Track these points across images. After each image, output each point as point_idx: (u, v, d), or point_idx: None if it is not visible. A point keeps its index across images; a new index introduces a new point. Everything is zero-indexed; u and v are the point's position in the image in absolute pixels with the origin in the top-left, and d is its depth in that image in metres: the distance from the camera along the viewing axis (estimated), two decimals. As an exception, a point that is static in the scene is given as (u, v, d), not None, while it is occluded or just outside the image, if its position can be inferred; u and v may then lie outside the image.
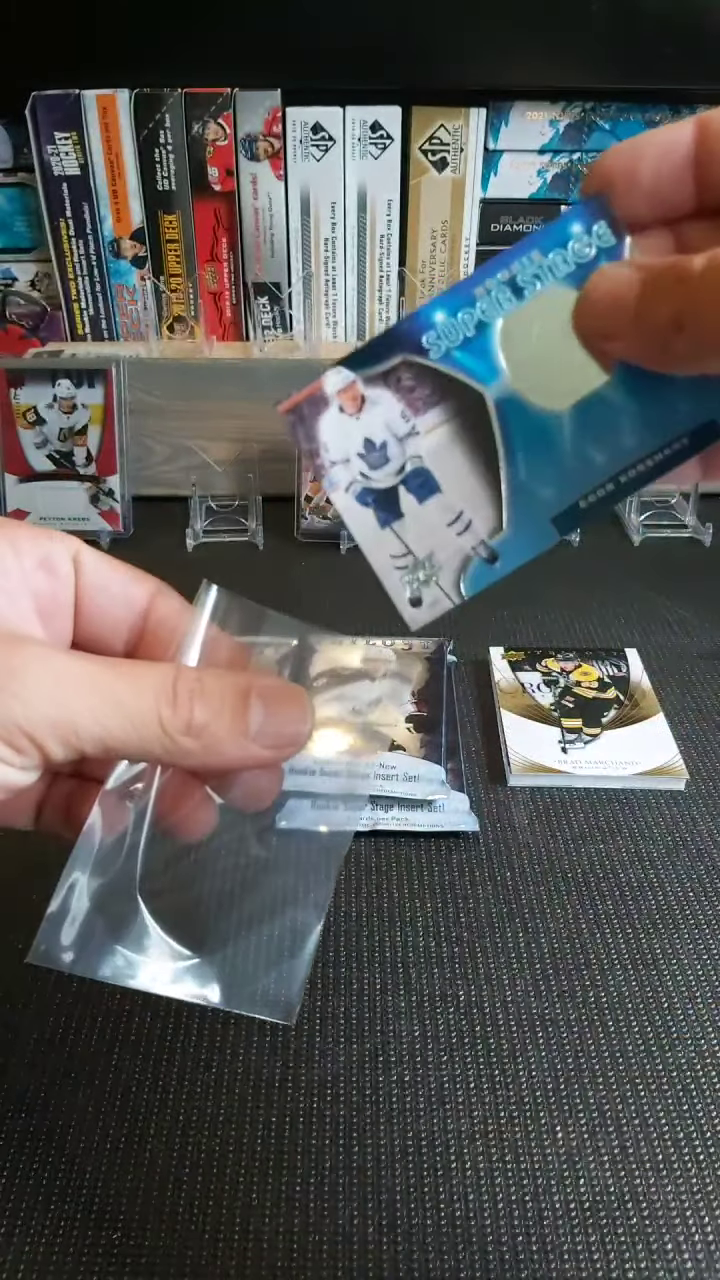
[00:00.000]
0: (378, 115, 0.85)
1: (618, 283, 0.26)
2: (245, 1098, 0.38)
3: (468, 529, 0.30)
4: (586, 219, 0.28)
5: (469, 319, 0.29)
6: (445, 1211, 0.34)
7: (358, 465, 0.30)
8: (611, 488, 0.29)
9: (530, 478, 0.30)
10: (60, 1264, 0.32)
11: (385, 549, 0.31)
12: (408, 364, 0.29)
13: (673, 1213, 0.34)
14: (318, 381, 0.29)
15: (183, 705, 0.26)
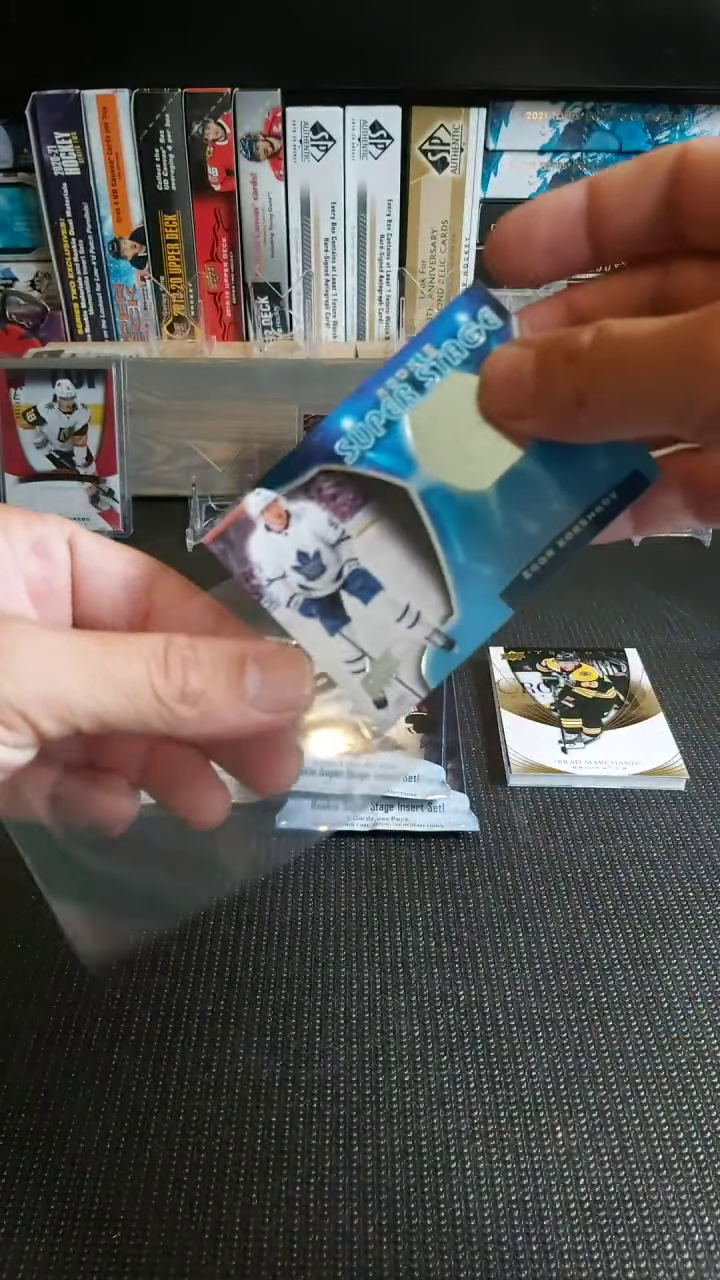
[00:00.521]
0: (378, 115, 0.85)
1: (512, 363, 0.27)
2: (245, 1098, 0.38)
3: (418, 620, 0.31)
4: (471, 306, 0.29)
5: (377, 419, 0.29)
6: (445, 1211, 0.34)
7: (295, 579, 0.30)
8: (552, 554, 0.30)
9: (469, 559, 0.30)
10: (60, 1264, 0.32)
11: (339, 655, 0.31)
12: (326, 473, 0.30)
13: (673, 1213, 0.34)
14: (240, 507, 0.30)
15: (175, 673, 0.26)
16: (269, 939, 0.44)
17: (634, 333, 0.24)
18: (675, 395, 0.23)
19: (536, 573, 0.30)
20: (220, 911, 0.46)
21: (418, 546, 0.30)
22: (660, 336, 0.23)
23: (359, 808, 0.51)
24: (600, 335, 0.24)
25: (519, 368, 0.27)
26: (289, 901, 0.46)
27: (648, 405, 0.24)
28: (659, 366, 0.23)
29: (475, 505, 0.30)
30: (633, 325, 0.24)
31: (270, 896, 0.47)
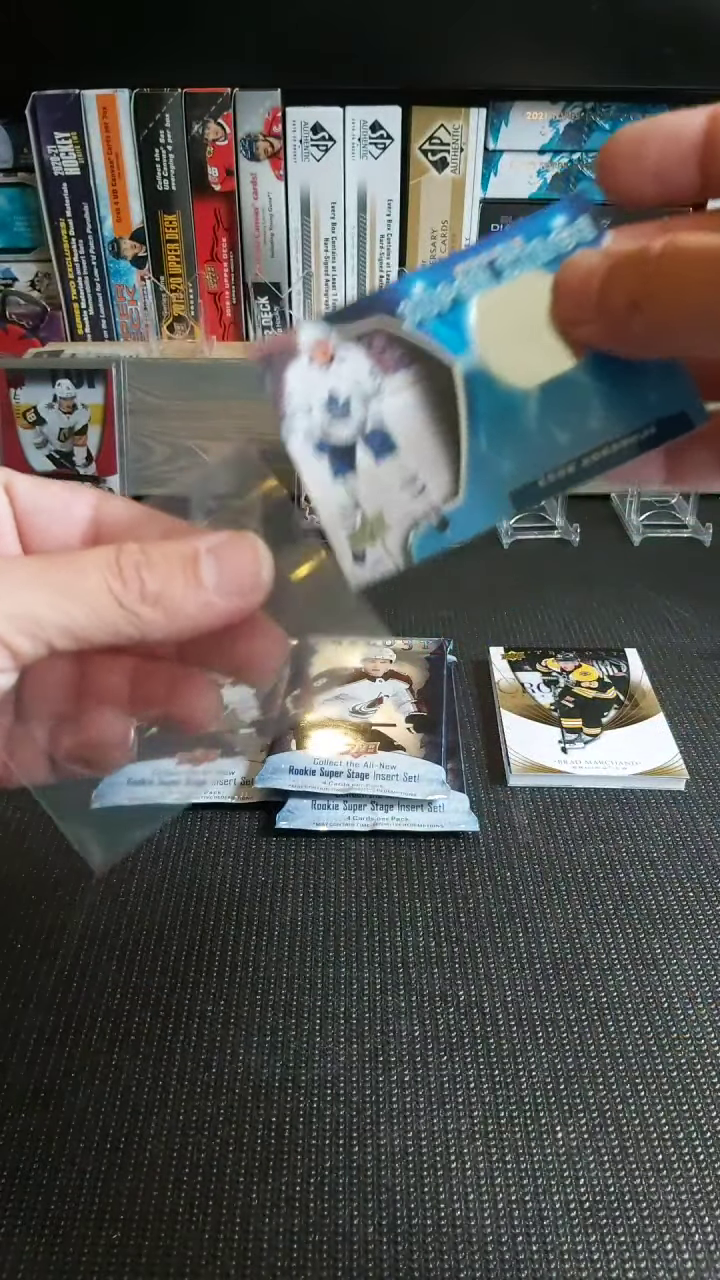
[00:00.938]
0: (378, 115, 0.85)
1: (586, 269, 0.27)
2: (245, 1098, 0.38)
3: (421, 493, 0.30)
4: (570, 211, 0.29)
5: (446, 293, 0.29)
6: (445, 1211, 0.34)
7: (320, 417, 0.30)
8: (573, 469, 0.30)
9: (491, 450, 0.30)
10: (60, 1264, 0.32)
11: (335, 501, 0.31)
12: (383, 328, 0.29)
13: (673, 1213, 0.34)
14: (293, 332, 0.30)
15: (131, 578, 0.27)
16: (269, 939, 0.44)
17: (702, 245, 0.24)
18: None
19: (552, 483, 0.30)
20: (220, 911, 0.46)
21: (445, 423, 0.30)
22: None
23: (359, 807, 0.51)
24: (669, 244, 0.24)
25: (591, 274, 0.27)
26: (289, 901, 0.46)
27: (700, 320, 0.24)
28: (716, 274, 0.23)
29: (514, 401, 0.30)
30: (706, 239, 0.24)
31: (270, 896, 0.47)
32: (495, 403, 0.30)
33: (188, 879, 0.48)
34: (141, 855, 0.49)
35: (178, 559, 0.28)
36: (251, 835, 0.50)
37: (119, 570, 0.27)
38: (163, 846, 0.50)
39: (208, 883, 0.48)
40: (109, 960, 0.43)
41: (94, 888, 0.47)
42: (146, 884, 0.47)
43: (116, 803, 0.52)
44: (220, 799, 0.52)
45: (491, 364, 0.30)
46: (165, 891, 0.47)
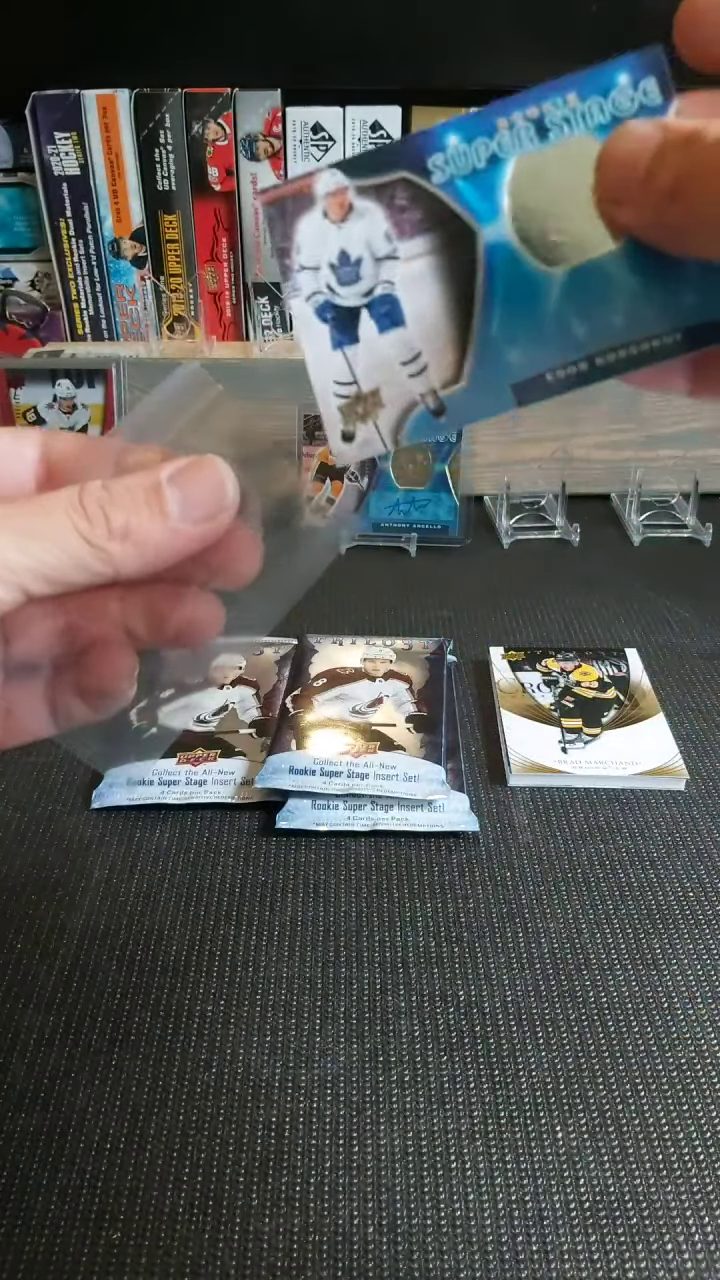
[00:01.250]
0: (378, 115, 0.85)
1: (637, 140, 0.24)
2: (245, 1098, 0.38)
3: (421, 373, 0.28)
4: (636, 71, 0.25)
5: (484, 150, 0.26)
6: (445, 1211, 0.34)
7: (326, 276, 0.28)
8: (585, 367, 0.27)
9: (501, 335, 0.28)
10: (60, 1264, 0.32)
11: (331, 373, 0.29)
12: (406, 182, 0.27)
13: (673, 1213, 0.34)
14: (308, 178, 0.27)
15: (96, 515, 0.26)
16: (269, 939, 0.44)
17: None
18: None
19: (561, 379, 0.28)
20: (220, 911, 0.46)
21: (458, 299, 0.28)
22: None
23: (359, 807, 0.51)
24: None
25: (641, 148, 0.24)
26: (289, 901, 0.46)
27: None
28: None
29: (537, 283, 0.27)
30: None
31: (270, 896, 0.47)
32: (516, 283, 0.27)
33: (188, 879, 0.48)
34: (141, 855, 0.49)
35: (141, 491, 0.27)
36: (251, 835, 0.50)
37: (83, 509, 0.26)
38: (163, 846, 0.50)
39: (208, 883, 0.48)
40: (109, 960, 0.43)
41: (94, 888, 0.47)
42: (146, 884, 0.47)
43: (116, 803, 0.52)
44: (220, 799, 0.52)
45: (519, 238, 0.27)
46: (165, 891, 0.47)
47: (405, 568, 0.79)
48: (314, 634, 0.65)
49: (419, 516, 0.81)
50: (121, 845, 0.50)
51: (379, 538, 0.81)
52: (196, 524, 0.28)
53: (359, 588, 0.75)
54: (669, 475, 0.85)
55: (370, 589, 0.75)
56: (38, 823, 0.51)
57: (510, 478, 0.84)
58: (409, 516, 0.81)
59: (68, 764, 0.55)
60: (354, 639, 0.65)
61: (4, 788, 0.54)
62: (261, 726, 0.57)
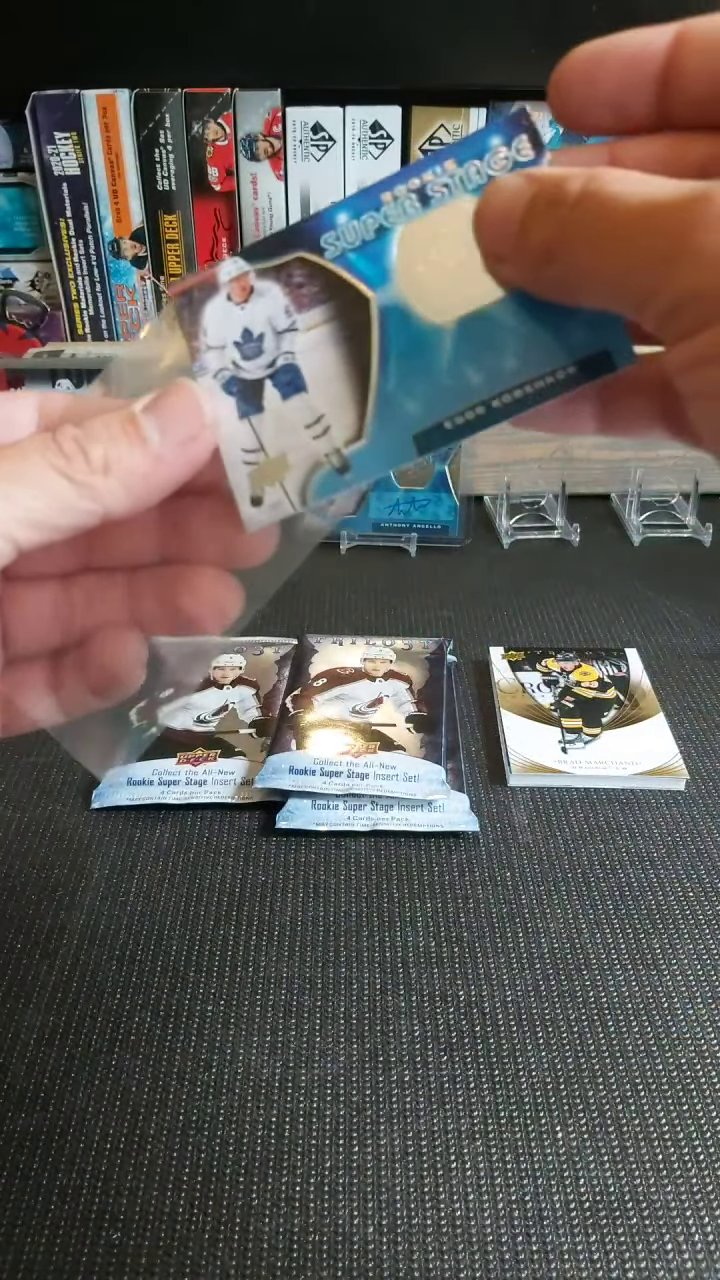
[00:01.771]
0: (378, 115, 0.85)
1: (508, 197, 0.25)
2: (245, 1098, 0.38)
3: (325, 434, 0.29)
4: (508, 132, 0.27)
5: (371, 222, 0.28)
6: (445, 1211, 0.34)
7: (231, 353, 0.29)
8: (482, 410, 0.28)
9: (399, 389, 0.29)
10: (60, 1264, 0.32)
11: (239, 441, 0.30)
12: (302, 260, 0.28)
13: (673, 1213, 0.34)
14: (213, 269, 0.29)
15: (73, 452, 0.26)
16: (269, 939, 0.44)
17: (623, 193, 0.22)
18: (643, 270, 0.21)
19: (459, 426, 0.29)
20: (220, 911, 0.46)
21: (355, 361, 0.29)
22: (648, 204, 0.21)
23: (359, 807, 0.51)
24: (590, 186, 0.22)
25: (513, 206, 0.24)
26: (289, 901, 0.46)
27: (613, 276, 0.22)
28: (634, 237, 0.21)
29: (429, 337, 0.28)
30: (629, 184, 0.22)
31: (270, 896, 0.47)
32: (409, 339, 0.28)
33: (188, 879, 0.48)
34: (141, 855, 0.49)
35: (116, 423, 0.27)
36: (251, 835, 0.50)
37: (58, 448, 0.26)
38: (163, 846, 0.50)
39: (208, 883, 0.48)
40: (109, 960, 0.43)
41: (94, 888, 0.47)
42: (146, 884, 0.47)
43: (116, 803, 0.52)
44: (220, 799, 0.52)
45: (410, 298, 0.28)
46: (165, 891, 0.47)
47: (405, 568, 0.79)
48: (314, 634, 0.65)
49: (419, 516, 0.81)
50: (121, 845, 0.50)
51: (379, 538, 0.81)
52: (178, 448, 0.27)
53: (359, 588, 0.75)
54: (669, 475, 0.85)
55: (370, 589, 0.75)
56: (38, 823, 0.51)
57: (510, 478, 0.84)
58: (409, 516, 0.81)
59: (68, 764, 0.55)
60: (354, 639, 0.65)
61: (4, 788, 0.54)
62: (261, 726, 0.57)
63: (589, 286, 0.23)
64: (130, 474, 0.26)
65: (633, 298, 0.22)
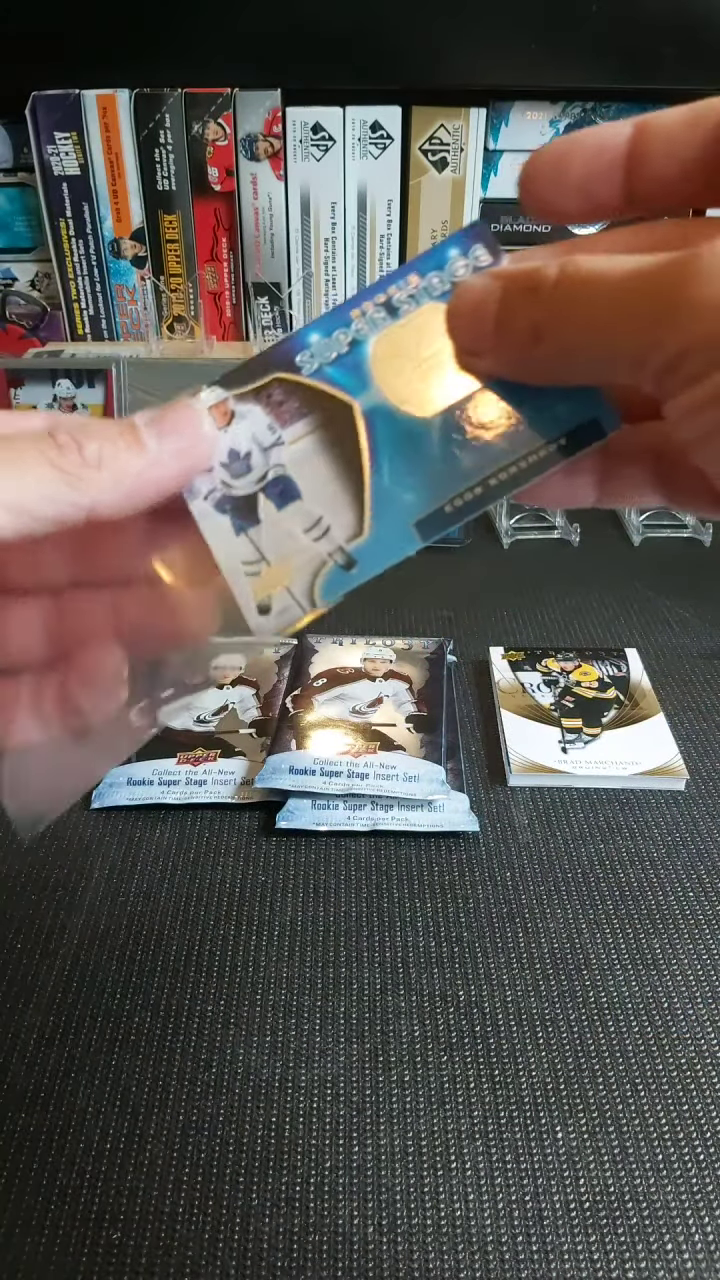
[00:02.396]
0: (378, 115, 0.85)
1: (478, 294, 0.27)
2: (245, 1098, 0.38)
3: (325, 534, 0.31)
4: (465, 242, 0.29)
5: (343, 338, 0.29)
6: (445, 1211, 0.34)
7: (220, 474, 0.30)
8: (480, 490, 0.30)
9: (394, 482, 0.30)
10: (60, 1264, 0.32)
11: (238, 555, 0.31)
12: (280, 380, 0.30)
13: (673, 1213, 0.34)
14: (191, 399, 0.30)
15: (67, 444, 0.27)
16: (269, 939, 0.44)
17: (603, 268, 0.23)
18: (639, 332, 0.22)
19: (459, 508, 0.30)
20: (220, 911, 0.46)
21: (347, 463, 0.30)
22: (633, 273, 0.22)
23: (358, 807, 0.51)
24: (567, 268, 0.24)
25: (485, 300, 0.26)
26: (289, 901, 0.46)
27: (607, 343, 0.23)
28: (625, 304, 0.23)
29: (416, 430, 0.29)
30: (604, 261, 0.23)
31: (270, 896, 0.47)
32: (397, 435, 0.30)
33: (188, 879, 0.48)
34: (141, 855, 0.49)
35: (115, 427, 0.27)
36: (251, 835, 0.50)
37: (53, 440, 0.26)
38: (163, 846, 0.50)
39: (208, 883, 0.48)
40: (109, 960, 0.43)
41: (94, 888, 0.47)
42: (146, 884, 0.47)
43: (116, 803, 0.52)
44: (220, 799, 0.52)
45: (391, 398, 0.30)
46: (165, 891, 0.47)
47: (405, 568, 0.78)
48: (314, 634, 0.65)
49: (419, 516, 0.81)
50: (121, 845, 0.50)
51: (379, 538, 0.81)
52: (173, 453, 0.28)
53: (359, 588, 0.75)
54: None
55: (370, 589, 0.74)
56: (38, 823, 0.51)
57: (510, 478, 0.84)
58: (409, 516, 0.81)
59: (68, 764, 0.55)
60: (354, 639, 0.65)
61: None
62: (261, 726, 0.57)
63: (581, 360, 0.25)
64: (122, 471, 0.27)
65: (628, 361, 0.23)
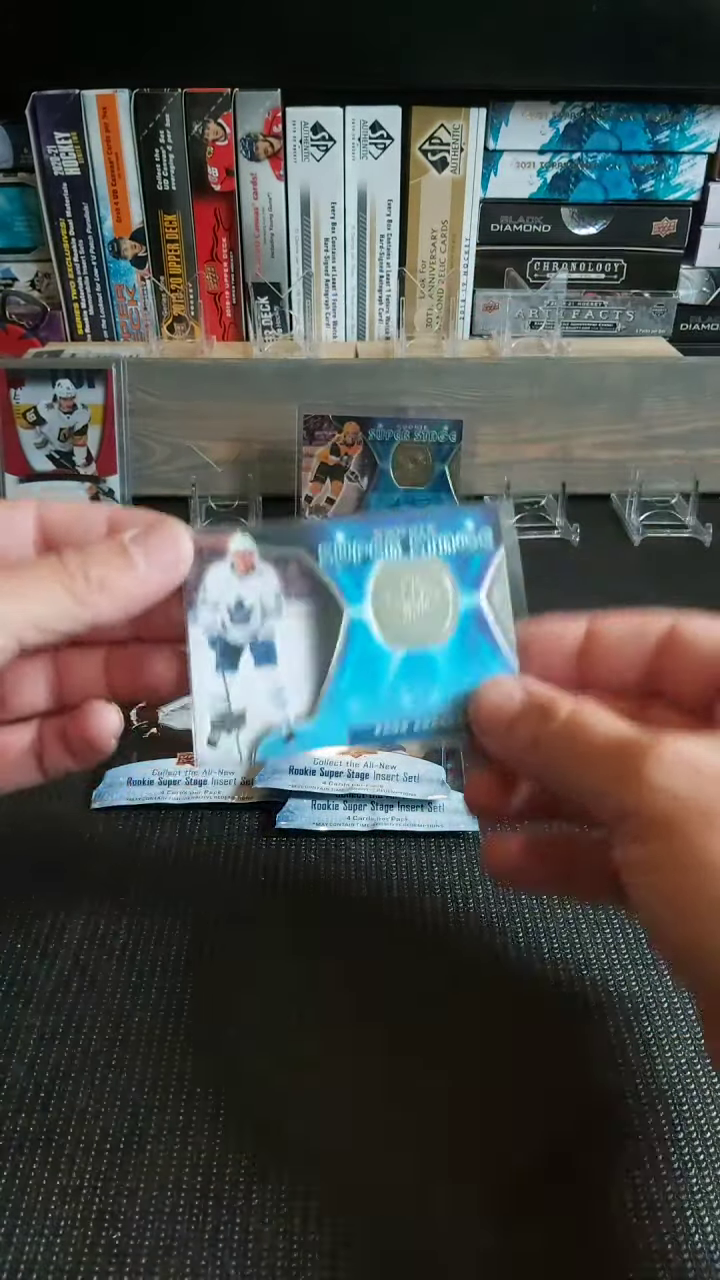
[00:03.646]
0: (378, 115, 0.85)
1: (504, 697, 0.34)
2: (245, 1098, 0.38)
3: (283, 706, 0.35)
4: (479, 520, 0.35)
5: (360, 550, 0.34)
6: (445, 1211, 0.34)
7: (223, 615, 0.35)
8: (405, 727, 0.35)
9: (348, 689, 0.35)
10: (60, 1264, 0.32)
11: (210, 690, 0.35)
12: (300, 559, 0.34)
13: (672, 1213, 0.34)
14: (226, 537, 0.34)
15: (77, 573, 0.32)
16: (269, 939, 0.44)
17: (595, 724, 0.30)
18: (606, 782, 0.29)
19: (386, 733, 0.35)
20: (220, 911, 0.46)
21: (321, 655, 0.35)
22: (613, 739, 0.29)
23: (358, 807, 0.51)
24: (575, 715, 0.31)
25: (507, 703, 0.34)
26: (289, 901, 0.46)
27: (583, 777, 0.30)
28: (602, 757, 0.29)
29: (381, 658, 0.35)
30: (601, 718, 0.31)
31: (270, 896, 0.47)
32: (365, 654, 0.35)
33: (188, 879, 0.48)
34: (141, 855, 0.49)
35: (111, 551, 0.33)
36: (251, 835, 0.50)
37: (67, 570, 0.32)
38: (163, 846, 0.50)
39: (208, 883, 0.48)
40: (109, 960, 0.43)
41: (94, 888, 0.47)
42: (146, 884, 0.47)
43: (116, 803, 0.52)
44: (220, 799, 0.52)
45: (374, 622, 0.34)
46: (165, 891, 0.47)
47: (405, 568, 0.79)
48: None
49: (419, 516, 0.81)
50: (121, 845, 0.50)
51: (379, 538, 0.81)
52: (160, 572, 0.33)
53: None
54: (669, 475, 0.85)
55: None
56: (38, 822, 0.51)
57: (510, 477, 0.84)
58: (409, 516, 0.81)
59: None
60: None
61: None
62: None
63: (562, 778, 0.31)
64: (119, 591, 0.32)
65: (594, 796, 0.29)
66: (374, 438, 0.79)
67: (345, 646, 0.34)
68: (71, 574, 0.32)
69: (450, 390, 0.84)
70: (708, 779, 0.26)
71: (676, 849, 0.26)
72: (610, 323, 0.98)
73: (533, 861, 0.35)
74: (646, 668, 0.35)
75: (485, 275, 0.94)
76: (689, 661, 0.35)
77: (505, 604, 0.37)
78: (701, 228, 0.93)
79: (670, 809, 0.27)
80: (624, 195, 0.91)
